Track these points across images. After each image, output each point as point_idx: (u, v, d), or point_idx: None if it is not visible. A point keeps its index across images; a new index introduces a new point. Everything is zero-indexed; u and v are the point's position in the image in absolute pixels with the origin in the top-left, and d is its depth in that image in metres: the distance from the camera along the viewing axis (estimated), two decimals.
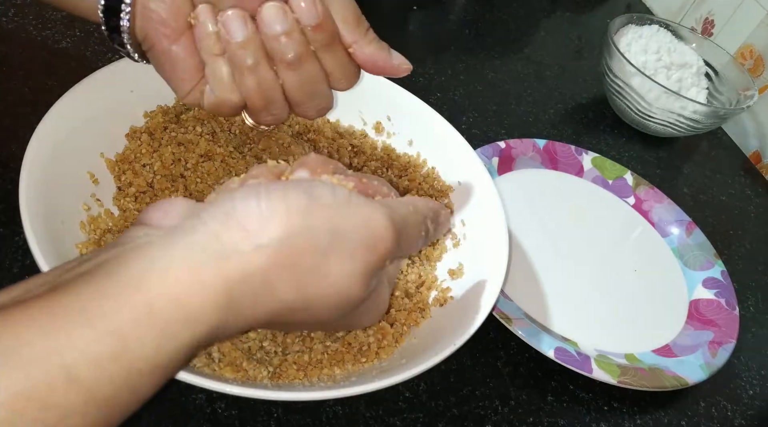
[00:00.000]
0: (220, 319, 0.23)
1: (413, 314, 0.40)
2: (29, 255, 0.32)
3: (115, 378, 0.21)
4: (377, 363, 0.37)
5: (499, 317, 0.43)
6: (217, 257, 0.23)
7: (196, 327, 0.23)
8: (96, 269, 0.22)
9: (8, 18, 0.54)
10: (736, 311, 0.51)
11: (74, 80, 0.40)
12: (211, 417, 0.36)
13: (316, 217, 0.25)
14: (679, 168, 0.70)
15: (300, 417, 0.37)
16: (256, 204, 0.24)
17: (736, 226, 0.64)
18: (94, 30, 0.55)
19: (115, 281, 0.22)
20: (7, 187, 0.42)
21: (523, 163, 0.59)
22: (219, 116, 0.35)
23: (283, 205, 0.24)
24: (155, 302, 0.22)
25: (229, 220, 0.24)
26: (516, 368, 0.44)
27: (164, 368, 0.22)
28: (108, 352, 0.20)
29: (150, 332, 0.21)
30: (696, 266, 0.56)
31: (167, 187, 0.41)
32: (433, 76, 0.67)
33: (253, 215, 0.24)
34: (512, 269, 0.49)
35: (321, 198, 0.25)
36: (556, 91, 0.73)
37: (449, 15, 0.79)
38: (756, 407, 0.48)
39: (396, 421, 0.39)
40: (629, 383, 0.43)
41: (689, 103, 0.63)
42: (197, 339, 0.23)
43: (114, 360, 0.21)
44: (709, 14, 0.83)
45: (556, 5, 0.88)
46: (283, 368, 0.35)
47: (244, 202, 0.24)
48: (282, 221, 0.24)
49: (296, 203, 0.25)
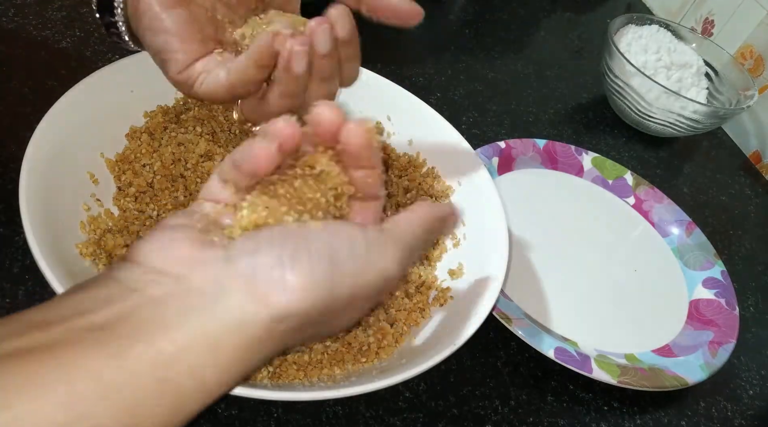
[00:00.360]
0: (235, 380, 0.23)
1: (413, 314, 0.40)
2: (29, 255, 0.32)
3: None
4: (377, 363, 0.37)
5: (499, 317, 0.43)
6: (237, 328, 0.23)
7: (210, 392, 0.22)
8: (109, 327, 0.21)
9: (8, 18, 0.54)
10: (736, 311, 0.51)
11: (74, 80, 0.40)
12: (211, 417, 0.36)
13: (338, 287, 0.24)
14: (679, 168, 0.70)
15: (300, 417, 0.37)
16: (280, 275, 0.23)
17: (736, 226, 0.64)
18: (94, 30, 0.55)
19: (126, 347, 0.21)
20: (7, 187, 0.42)
21: (523, 163, 0.59)
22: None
23: (308, 280, 0.23)
24: (169, 376, 0.21)
25: (252, 287, 0.23)
26: (516, 368, 0.44)
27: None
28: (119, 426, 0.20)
29: (161, 407, 0.21)
30: (696, 266, 0.56)
31: (167, 187, 0.41)
32: (433, 76, 0.67)
33: (278, 288, 0.23)
34: (512, 269, 0.49)
35: (343, 264, 0.25)
36: (556, 91, 0.73)
37: (449, 15, 0.79)
38: (756, 407, 0.48)
39: (396, 421, 0.39)
40: (629, 383, 0.43)
41: (689, 103, 0.63)
42: (209, 402, 0.23)
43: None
44: (709, 14, 0.83)
45: (556, 5, 0.88)
46: (283, 368, 0.35)
47: (268, 271, 0.23)
48: (306, 296, 0.23)
49: (320, 276, 0.24)
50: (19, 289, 0.38)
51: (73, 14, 0.56)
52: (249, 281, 0.23)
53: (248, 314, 0.23)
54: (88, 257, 0.36)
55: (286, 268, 0.23)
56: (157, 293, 0.23)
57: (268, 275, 0.23)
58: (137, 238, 0.38)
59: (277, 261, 0.23)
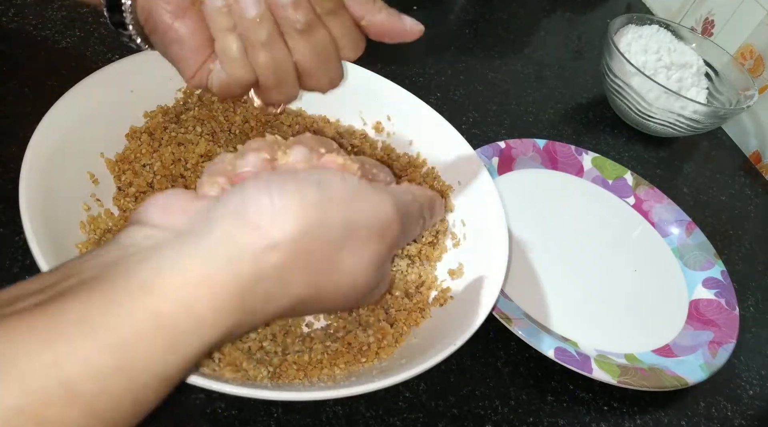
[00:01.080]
0: (233, 321, 0.23)
1: (413, 314, 0.40)
2: (29, 255, 0.32)
3: (118, 392, 0.20)
4: (377, 363, 0.37)
5: (499, 317, 0.43)
6: (230, 259, 0.22)
7: (207, 333, 0.22)
8: (99, 275, 0.21)
9: (8, 18, 0.54)
10: (736, 311, 0.51)
11: (74, 80, 0.40)
12: (211, 417, 0.36)
13: (329, 211, 0.24)
14: (679, 168, 0.70)
15: (300, 417, 0.37)
16: (268, 201, 0.23)
17: (736, 226, 0.64)
18: (94, 30, 0.55)
19: (120, 288, 0.21)
20: (7, 187, 0.42)
21: (523, 163, 0.59)
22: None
23: (296, 201, 0.24)
24: (163, 311, 0.21)
25: (241, 219, 0.23)
26: (516, 368, 0.44)
27: (171, 379, 0.22)
28: (111, 365, 0.20)
29: (157, 345, 0.21)
30: (696, 266, 0.56)
31: (167, 188, 0.41)
32: (433, 76, 0.67)
33: (266, 213, 0.23)
34: (512, 269, 0.49)
35: (333, 190, 0.25)
36: (556, 91, 0.73)
37: (449, 15, 0.79)
38: (756, 407, 0.48)
39: (396, 421, 0.39)
40: (629, 383, 0.43)
41: (689, 103, 0.63)
42: (207, 345, 0.22)
43: (117, 373, 0.20)
44: (709, 14, 0.83)
45: (556, 5, 0.88)
46: (283, 368, 0.35)
47: (256, 199, 0.23)
48: (296, 218, 0.23)
49: (310, 198, 0.24)
50: None
51: (73, 14, 0.56)
52: (238, 213, 0.23)
53: (239, 245, 0.23)
54: None
55: (274, 194, 0.23)
56: (150, 243, 0.23)
57: (257, 203, 0.23)
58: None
59: (266, 191, 0.24)
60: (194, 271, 0.22)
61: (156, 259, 0.22)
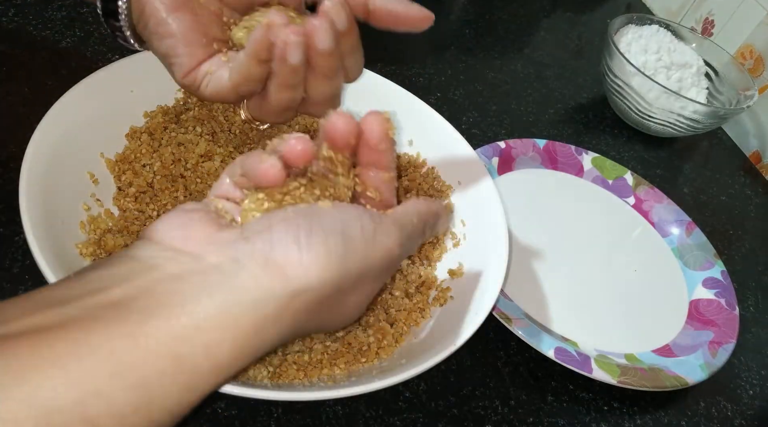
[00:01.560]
0: (247, 361, 0.23)
1: (413, 314, 0.40)
2: (29, 255, 0.32)
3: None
4: (377, 363, 0.37)
5: (499, 317, 0.43)
6: (256, 303, 0.23)
7: (224, 373, 0.22)
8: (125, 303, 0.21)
9: (8, 18, 0.54)
10: (736, 311, 0.51)
11: (74, 80, 0.40)
12: (211, 417, 0.36)
13: (349, 263, 0.25)
14: (679, 168, 0.70)
15: (300, 417, 0.37)
16: (296, 250, 0.24)
17: (736, 226, 0.64)
18: (94, 30, 0.55)
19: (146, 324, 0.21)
20: (7, 187, 0.42)
21: (523, 163, 0.59)
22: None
23: (322, 255, 0.24)
24: (186, 353, 0.21)
25: (268, 263, 0.23)
26: (516, 368, 0.44)
27: (182, 414, 0.22)
28: (133, 404, 0.20)
29: (176, 384, 0.21)
30: (696, 266, 0.56)
31: (167, 188, 0.41)
32: (433, 76, 0.67)
33: (294, 262, 0.24)
34: (512, 269, 0.49)
35: (354, 242, 0.26)
36: (556, 91, 0.73)
37: (449, 15, 0.79)
38: (756, 407, 0.48)
39: (396, 421, 0.39)
40: (629, 383, 0.43)
41: (689, 103, 0.63)
42: (222, 383, 0.23)
43: (136, 412, 0.20)
44: (709, 14, 0.83)
45: (556, 5, 0.88)
46: (283, 368, 0.35)
47: (284, 246, 0.24)
48: (322, 271, 0.24)
49: (335, 250, 0.25)
50: (19, 289, 0.38)
51: (73, 14, 0.56)
52: (266, 257, 0.24)
53: (266, 290, 0.23)
54: (88, 257, 0.36)
55: (303, 243, 0.24)
56: (175, 270, 0.23)
57: (285, 250, 0.24)
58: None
59: (294, 237, 0.24)
60: (221, 316, 0.22)
61: (182, 295, 0.22)
